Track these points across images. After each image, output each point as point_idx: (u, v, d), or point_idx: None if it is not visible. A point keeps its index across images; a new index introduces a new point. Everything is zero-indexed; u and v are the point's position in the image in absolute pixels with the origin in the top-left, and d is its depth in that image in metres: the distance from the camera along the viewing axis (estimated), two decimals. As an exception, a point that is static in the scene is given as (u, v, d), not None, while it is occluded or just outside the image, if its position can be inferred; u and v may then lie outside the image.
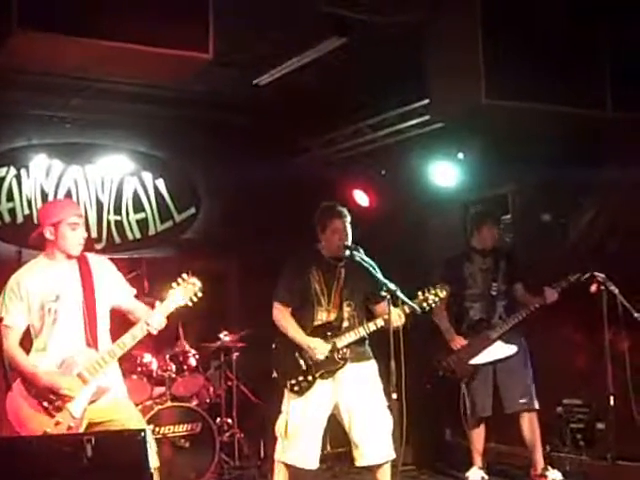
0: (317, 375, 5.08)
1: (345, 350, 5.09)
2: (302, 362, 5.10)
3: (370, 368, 5.19)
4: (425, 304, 5.05)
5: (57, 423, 4.31)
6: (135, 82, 6.54)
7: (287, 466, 5.15)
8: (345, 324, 5.15)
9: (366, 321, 5.18)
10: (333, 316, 5.16)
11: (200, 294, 4.63)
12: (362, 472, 5.71)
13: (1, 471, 3.43)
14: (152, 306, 4.62)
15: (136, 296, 4.79)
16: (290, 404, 5.14)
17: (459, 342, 6.14)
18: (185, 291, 4.58)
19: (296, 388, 5.09)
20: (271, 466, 5.32)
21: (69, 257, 4.53)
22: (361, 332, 5.10)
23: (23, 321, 4.44)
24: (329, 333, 5.12)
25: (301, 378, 5.09)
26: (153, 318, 4.50)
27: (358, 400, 5.09)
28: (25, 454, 3.57)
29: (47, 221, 4.49)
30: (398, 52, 6.04)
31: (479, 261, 6.29)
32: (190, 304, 4.61)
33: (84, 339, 4.47)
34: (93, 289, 4.52)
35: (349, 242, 5.13)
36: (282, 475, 5.18)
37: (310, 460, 5.11)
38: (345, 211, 5.25)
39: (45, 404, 4.33)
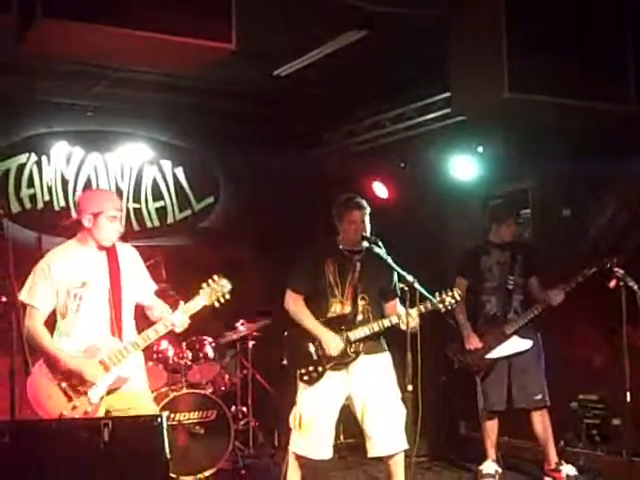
0: (328, 366, 5.07)
1: (358, 344, 5.08)
2: (313, 352, 5.09)
3: (384, 360, 5.18)
4: (441, 305, 4.99)
5: (74, 407, 4.37)
6: (156, 71, 6.56)
7: (300, 457, 5.16)
8: (359, 317, 5.13)
9: (381, 316, 5.17)
10: (347, 309, 5.14)
11: (228, 296, 4.66)
12: (376, 463, 5.73)
13: (20, 453, 3.46)
14: (165, 293, 4.64)
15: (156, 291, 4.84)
16: (302, 395, 5.14)
17: (475, 344, 6.12)
18: (213, 293, 4.62)
19: (305, 377, 5.08)
20: (284, 456, 5.33)
21: (101, 248, 4.58)
22: (375, 328, 5.07)
23: (49, 303, 4.49)
24: (343, 326, 5.10)
25: (311, 368, 5.08)
26: (176, 318, 4.57)
27: (371, 392, 5.08)
28: (43, 437, 3.61)
29: (88, 210, 4.54)
30: (420, 44, 6.02)
31: (497, 254, 6.28)
32: (217, 305, 4.65)
33: (109, 327, 4.53)
34: (120, 279, 4.58)
35: (367, 234, 5.12)
36: (295, 466, 5.20)
37: (323, 451, 5.12)
38: (364, 203, 5.22)
39: (65, 387, 4.39)
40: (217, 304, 4.64)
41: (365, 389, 5.09)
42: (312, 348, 5.10)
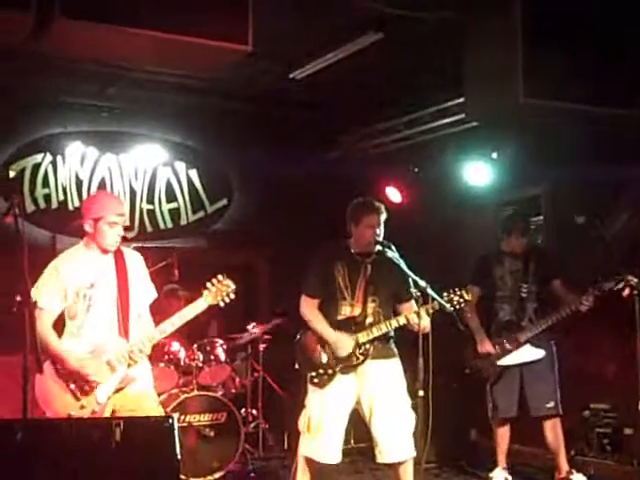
0: (337, 369, 5.06)
1: (368, 346, 5.06)
2: (324, 355, 5.09)
3: (393, 365, 5.15)
4: (449, 305, 4.93)
5: (82, 407, 4.40)
6: (172, 72, 6.59)
7: (310, 460, 5.15)
8: (369, 320, 5.11)
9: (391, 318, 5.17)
10: (357, 311, 5.13)
11: (233, 296, 4.68)
12: (385, 468, 5.70)
13: (32, 451, 3.47)
14: (176, 294, 4.57)
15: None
16: (312, 398, 5.14)
17: (487, 347, 6.10)
18: (217, 293, 4.64)
19: (316, 380, 5.08)
20: (294, 459, 5.33)
21: (104, 251, 4.62)
22: (383, 328, 5.06)
23: (58, 305, 4.52)
24: (353, 327, 5.10)
25: (322, 371, 5.08)
26: (163, 326, 4.59)
27: (380, 397, 5.07)
28: (56, 436, 3.62)
29: (89, 215, 4.58)
30: (435, 49, 6.02)
31: (509, 263, 6.25)
32: (222, 304, 4.67)
33: (116, 329, 4.56)
34: (127, 282, 4.61)
35: (380, 238, 5.11)
36: (304, 469, 5.19)
37: (332, 454, 5.10)
38: (382, 207, 5.21)
39: (72, 387, 4.42)
40: (222, 304, 4.67)
41: (373, 394, 5.08)
42: (322, 351, 5.11)
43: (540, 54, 5.07)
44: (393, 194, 8.07)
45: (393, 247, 5.02)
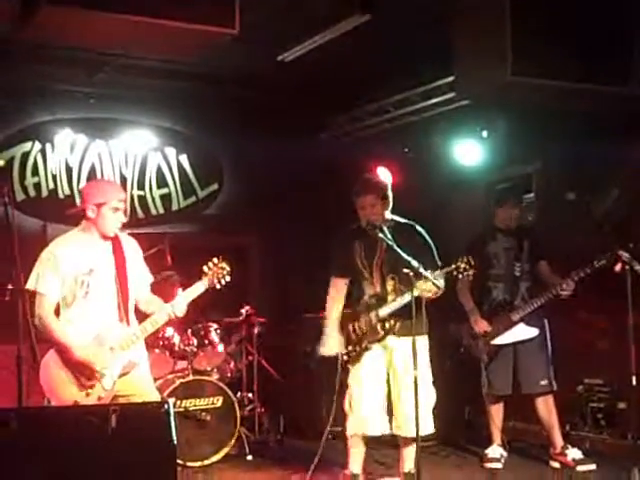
0: (363, 345, 5.21)
1: (391, 322, 5.14)
2: (352, 334, 5.24)
3: (419, 342, 5.02)
4: (456, 273, 5.01)
5: (88, 394, 4.42)
6: (160, 57, 6.55)
7: (357, 437, 5.30)
8: (390, 297, 5.18)
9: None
10: (378, 289, 5.23)
11: (228, 278, 4.74)
12: (381, 447, 5.82)
13: (28, 440, 3.48)
14: (170, 279, 4.58)
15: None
16: (350, 377, 5.28)
17: (482, 326, 6.13)
18: (214, 276, 4.70)
19: (345, 357, 5.24)
20: (290, 442, 5.38)
21: (104, 237, 4.61)
22: (398, 302, 5.08)
23: (57, 291, 4.50)
24: (375, 303, 5.20)
25: (350, 348, 5.24)
26: (178, 304, 4.65)
27: (401, 373, 5.17)
28: (51, 424, 3.63)
29: (91, 200, 4.57)
30: (423, 29, 6.00)
31: (503, 240, 6.26)
32: (219, 287, 4.73)
33: (117, 314, 4.57)
34: (125, 267, 4.62)
35: (377, 219, 5.14)
36: (356, 448, 5.33)
37: (377, 426, 5.23)
38: (368, 186, 5.26)
39: (78, 375, 4.43)
40: (218, 286, 4.73)
41: (397, 369, 5.20)
42: (351, 331, 5.24)
43: (528, 32, 5.07)
44: (384, 175, 8.05)
45: (398, 226, 5.18)
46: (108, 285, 4.57)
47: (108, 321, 4.54)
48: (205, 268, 4.70)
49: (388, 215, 5.26)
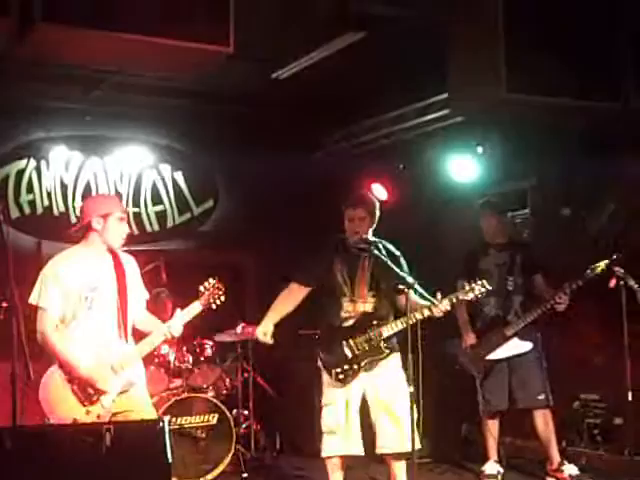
0: (362, 364, 5.10)
1: (393, 340, 5.10)
2: (348, 351, 5.12)
3: (396, 360, 5.17)
4: (472, 295, 5.01)
5: (88, 412, 4.39)
6: (155, 75, 6.56)
7: (339, 459, 5.19)
8: (381, 313, 5.16)
9: (393, 311, 5.19)
10: (360, 307, 5.16)
11: (223, 298, 4.72)
12: (377, 464, 5.73)
13: (22, 459, 3.46)
14: (159, 297, 4.52)
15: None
16: (336, 396, 5.15)
17: (470, 339, 6.13)
18: (209, 296, 4.68)
19: (341, 376, 5.11)
20: (287, 459, 5.33)
21: (109, 250, 4.60)
22: (404, 323, 4.99)
23: (58, 307, 4.47)
24: (374, 322, 5.11)
25: (346, 367, 5.11)
26: (174, 324, 4.63)
27: (383, 390, 5.12)
28: (45, 442, 3.61)
29: (96, 212, 4.55)
30: (418, 46, 6.02)
31: (495, 255, 6.27)
32: (214, 307, 4.71)
33: (117, 332, 4.55)
34: (126, 284, 4.61)
35: (365, 234, 5.13)
36: (336, 470, 5.22)
37: (360, 446, 5.15)
38: (360, 201, 5.27)
39: (79, 393, 4.40)
40: (214, 306, 4.70)
41: (377, 387, 5.13)
42: (347, 347, 5.12)
43: (522, 49, 5.10)
44: (379, 192, 8.06)
45: (379, 244, 5.04)
46: (110, 302, 4.55)
47: (108, 338, 4.52)
48: (201, 288, 4.69)
49: (370, 234, 5.23)
